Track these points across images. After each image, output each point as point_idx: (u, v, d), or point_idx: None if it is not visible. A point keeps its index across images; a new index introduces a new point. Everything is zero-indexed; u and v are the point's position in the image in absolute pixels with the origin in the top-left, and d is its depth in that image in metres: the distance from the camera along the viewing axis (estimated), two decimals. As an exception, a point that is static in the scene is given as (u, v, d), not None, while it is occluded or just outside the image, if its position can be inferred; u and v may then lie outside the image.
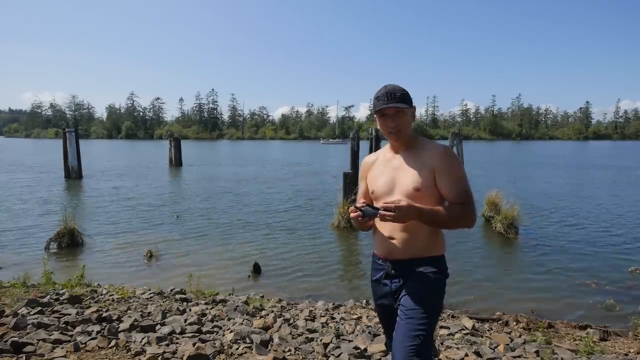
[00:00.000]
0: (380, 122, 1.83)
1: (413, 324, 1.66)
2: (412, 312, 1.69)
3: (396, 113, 1.78)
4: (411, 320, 1.68)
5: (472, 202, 1.74)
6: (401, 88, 1.79)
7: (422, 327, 1.65)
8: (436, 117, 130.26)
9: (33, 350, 2.84)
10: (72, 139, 18.06)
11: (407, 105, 1.78)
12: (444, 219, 1.68)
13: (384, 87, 1.80)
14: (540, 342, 3.72)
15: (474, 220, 1.75)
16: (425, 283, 1.75)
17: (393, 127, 1.79)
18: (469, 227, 1.75)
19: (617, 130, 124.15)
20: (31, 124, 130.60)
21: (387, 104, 1.76)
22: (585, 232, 9.22)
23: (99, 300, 4.39)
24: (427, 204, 1.70)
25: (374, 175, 1.92)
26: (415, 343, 1.63)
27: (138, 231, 9.18)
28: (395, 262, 1.82)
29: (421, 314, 1.68)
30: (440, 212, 1.68)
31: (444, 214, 1.68)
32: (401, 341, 1.66)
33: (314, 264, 7.01)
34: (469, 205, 1.72)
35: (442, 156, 1.75)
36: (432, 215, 1.67)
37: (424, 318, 1.67)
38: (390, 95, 1.76)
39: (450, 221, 1.70)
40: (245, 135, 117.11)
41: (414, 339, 1.63)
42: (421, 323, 1.66)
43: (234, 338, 3.25)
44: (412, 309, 1.70)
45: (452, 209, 1.70)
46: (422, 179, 1.74)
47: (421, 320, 1.66)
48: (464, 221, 1.72)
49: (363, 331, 3.73)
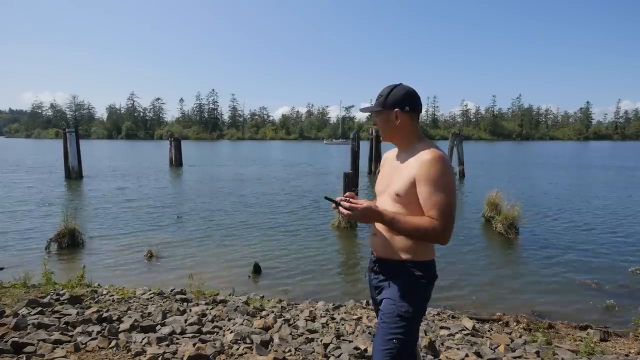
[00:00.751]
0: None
1: (387, 328, 1.66)
2: (386, 316, 1.69)
3: (377, 117, 1.82)
4: (385, 325, 1.67)
5: (446, 217, 1.59)
6: (387, 91, 1.77)
7: (397, 330, 1.64)
8: (436, 118, 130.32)
9: (33, 351, 2.84)
10: (73, 139, 18.08)
11: (379, 108, 1.78)
12: (406, 229, 1.61)
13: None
14: (540, 342, 3.72)
15: (444, 238, 1.60)
16: (402, 286, 1.72)
17: (378, 131, 1.87)
18: (439, 243, 1.63)
19: (618, 131, 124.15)
20: (31, 124, 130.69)
21: (364, 108, 1.86)
22: (586, 233, 9.22)
23: (99, 300, 4.38)
24: (408, 210, 1.68)
25: (382, 172, 1.95)
26: (389, 347, 1.63)
27: (138, 231, 9.19)
28: (379, 259, 1.84)
29: (395, 318, 1.66)
30: (402, 221, 1.61)
31: (405, 224, 1.60)
32: (377, 345, 1.68)
33: (314, 264, 7.01)
34: (440, 219, 1.59)
35: (422, 164, 1.64)
36: (391, 222, 1.63)
37: (398, 322, 1.65)
38: (377, 97, 1.81)
39: (413, 233, 1.62)
40: (246, 135, 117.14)
41: (388, 343, 1.63)
42: (396, 327, 1.65)
43: (234, 338, 3.25)
44: (387, 313, 1.69)
45: (418, 221, 1.60)
46: (403, 185, 1.70)
47: (396, 324, 1.65)
48: (430, 236, 1.61)
49: (363, 331, 3.73)
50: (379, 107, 1.78)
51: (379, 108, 1.78)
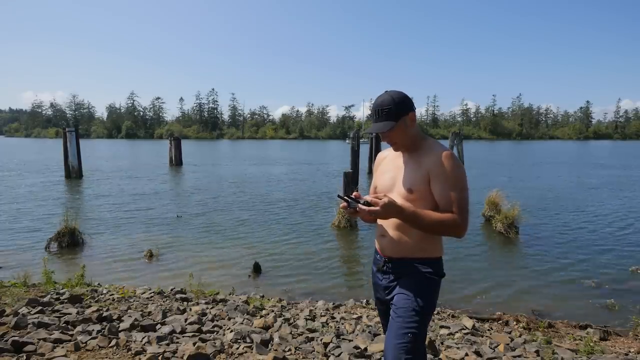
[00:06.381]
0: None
1: (402, 322, 1.69)
2: (401, 311, 1.71)
3: (391, 131, 1.75)
4: (400, 319, 1.70)
5: (464, 211, 1.66)
6: (389, 102, 1.72)
7: (412, 325, 1.67)
8: (436, 117, 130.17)
9: (34, 350, 2.84)
10: (73, 139, 18.06)
11: (393, 123, 1.71)
12: (427, 224, 1.64)
13: (377, 98, 1.78)
14: (540, 341, 3.72)
15: (463, 231, 1.67)
16: (416, 282, 1.76)
17: (388, 142, 1.83)
18: (457, 236, 1.68)
19: (618, 130, 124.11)
20: (31, 124, 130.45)
21: (374, 122, 1.77)
22: (586, 232, 9.22)
23: (99, 299, 4.39)
24: (419, 206, 1.69)
25: (381, 170, 1.95)
26: (404, 341, 1.65)
27: (138, 230, 9.19)
28: (389, 259, 1.85)
29: (410, 313, 1.69)
30: (424, 216, 1.63)
31: (427, 218, 1.63)
32: (391, 339, 1.69)
33: (314, 263, 7.01)
34: (459, 214, 1.65)
35: (437, 160, 1.69)
36: (413, 217, 1.63)
37: (413, 316, 1.68)
38: (377, 113, 1.75)
39: (434, 227, 1.65)
40: (246, 134, 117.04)
41: (403, 337, 1.66)
42: (411, 321, 1.68)
43: (234, 337, 3.25)
44: (401, 308, 1.72)
45: (439, 215, 1.64)
46: (416, 181, 1.73)
47: (411, 319, 1.68)
48: (450, 230, 1.65)
49: (363, 331, 3.73)
50: (394, 119, 1.72)
51: (394, 122, 1.72)
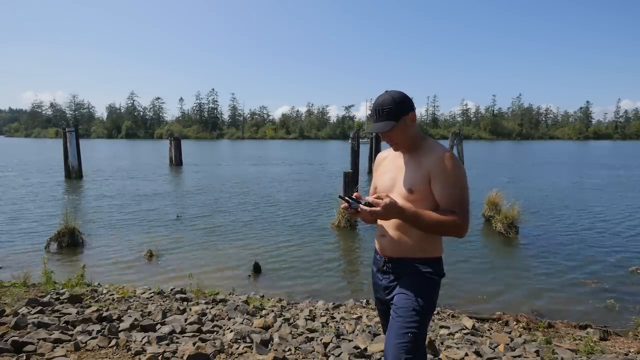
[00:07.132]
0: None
1: (403, 322, 1.69)
2: (401, 311, 1.72)
3: (391, 131, 1.74)
4: (401, 319, 1.70)
5: (465, 211, 1.66)
6: (390, 101, 1.72)
7: (412, 325, 1.67)
8: (436, 117, 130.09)
9: (33, 350, 2.84)
10: (73, 139, 18.06)
11: (393, 123, 1.70)
12: (428, 224, 1.63)
13: (377, 98, 1.77)
14: (540, 341, 3.72)
15: (464, 231, 1.66)
16: (416, 282, 1.77)
17: (388, 142, 1.83)
18: (458, 236, 1.68)
19: (618, 130, 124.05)
20: (31, 124, 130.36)
21: (374, 122, 1.76)
22: (586, 232, 9.21)
23: (99, 299, 4.39)
24: (420, 206, 1.68)
25: (381, 171, 1.95)
26: (405, 341, 1.65)
27: (138, 230, 9.19)
28: (389, 259, 1.85)
29: (411, 312, 1.69)
30: (425, 216, 1.63)
31: (428, 218, 1.63)
32: (391, 339, 1.69)
33: (314, 263, 7.01)
34: (460, 214, 1.64)
35: (438, 160, 1.69)
36: (414, 217, 1.63)
37: (413, 316, 1.69)
38: (378, 112, 1.74)
39: (435, 227, 1.65)
40: (246, 134, 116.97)
41: (404, 337, 1.66)
42: (411, 321, 1.68)
43: (234, 337, 3.25)
44: (402, 307, 1.72)
45: (440, 216, 1.63)
46: (417, 181, 1.73)
47: (411, 319, 1.68)
48: (451, 230, 1.65)
49: (363, 331, 3.73)
50: (394, 119, 1.71)
51: (395, 122, 1.71)
